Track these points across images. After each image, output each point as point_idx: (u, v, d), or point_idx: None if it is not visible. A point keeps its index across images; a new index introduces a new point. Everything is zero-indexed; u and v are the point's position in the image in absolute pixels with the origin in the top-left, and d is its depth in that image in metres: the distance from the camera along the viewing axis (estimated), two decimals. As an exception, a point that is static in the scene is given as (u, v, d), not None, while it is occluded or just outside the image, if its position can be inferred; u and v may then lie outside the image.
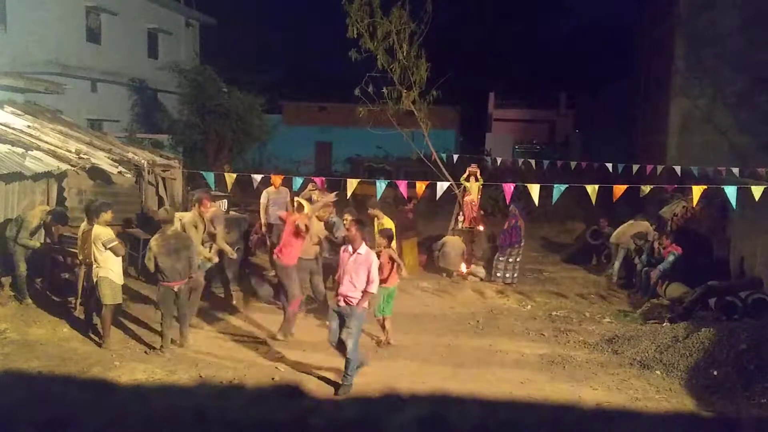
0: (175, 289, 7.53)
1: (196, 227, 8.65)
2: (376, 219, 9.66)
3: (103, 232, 7.58)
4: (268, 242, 11.14)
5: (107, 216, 7.72)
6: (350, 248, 6.98)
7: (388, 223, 9.38)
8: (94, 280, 7.62)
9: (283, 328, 8.32)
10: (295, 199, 9.20)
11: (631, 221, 12.72)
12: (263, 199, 11.32)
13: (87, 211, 8.23)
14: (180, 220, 8.59)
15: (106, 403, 6.26)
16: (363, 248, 6.94)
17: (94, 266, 7.59)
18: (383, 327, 8.32)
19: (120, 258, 7.73)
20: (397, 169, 20.55)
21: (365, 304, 6.88)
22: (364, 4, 12.40)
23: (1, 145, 9.50)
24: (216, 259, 9.05)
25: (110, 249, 7.54)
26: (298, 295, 8.48)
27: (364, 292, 6.82)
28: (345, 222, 8.97)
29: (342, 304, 6.88)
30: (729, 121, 17.34)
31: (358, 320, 6.85)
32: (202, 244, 8.76)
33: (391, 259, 8.17)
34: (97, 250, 7.54)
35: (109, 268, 7.58)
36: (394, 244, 8.44)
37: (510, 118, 33.98)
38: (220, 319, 8.99)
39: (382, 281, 8.13)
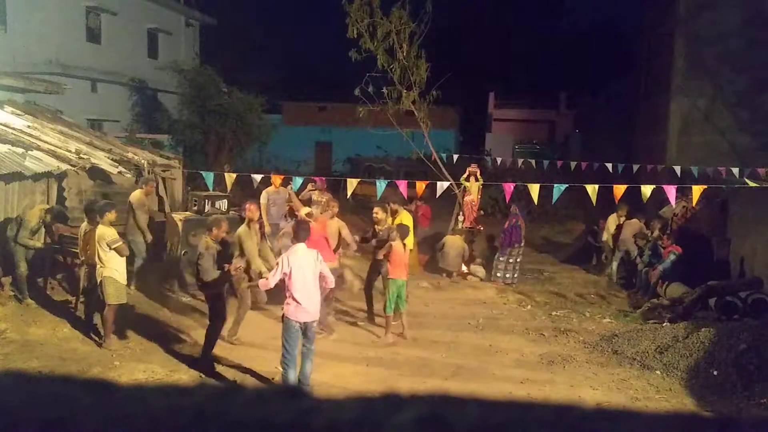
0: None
1: (251, 237, 8.28)
2: (396, 213, 9.92)
3: (107, 232, 7.60)
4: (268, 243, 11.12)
5: (111, 216, 7.74)
6: None
7: (406, 220, 9.55)
8: (98, 280, 7.63)
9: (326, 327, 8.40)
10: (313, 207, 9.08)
11: (612, 215, 12.61)
12: (263, 200, 11.30)
13: (88, 211, 8.25)
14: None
15: (106, 403, 6.23)
16: None
17: (98, 266, 7.60)
18: (388, 324, 8.38)
19: (124, 258, 7.75)
20: (397, 169, 20.54)
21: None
22: (364, 4, 12.40)
23: (1, 145, 9.49)
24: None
25: (114, 249, 7.56)
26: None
27: None
28: (375, 216, 9.04)
29: None
30: (729, 121, 17.31)
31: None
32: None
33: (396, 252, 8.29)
34: (101, 250, 7.55)
35: (114, 267, 7.59)
36: (411, 240, 8.53)
37: (510, 118, 33.93)
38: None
39: (392, 273, 8.25)
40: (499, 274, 11.91)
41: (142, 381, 6.75)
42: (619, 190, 9.59)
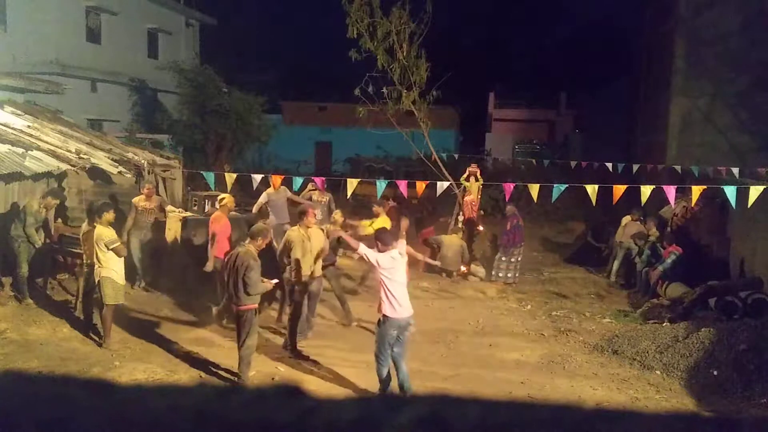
0: (235, 312, 6.83)
1: (303, 244, 7.83)
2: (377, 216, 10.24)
3: (105, 232, 7.58)
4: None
5: (109, 216, 7.72)
6: None
7: (384, 223, 9.80)
8: (96, 280, 7.62)
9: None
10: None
11: (628, 217, 12.64)
12: (262, 200, 11.30)
13: (89, 212, 8.23)
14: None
15: (106, 403, 6.26)
16: None
17: (96, 266, 7.59)
18: None
19: (122, 258, 7.73)
20: (397, 169, 20.52)
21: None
22: (364, 4, 12.40)
23: (1, 145, 9.49)
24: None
25: (112, 250, 7.54)
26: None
27: None
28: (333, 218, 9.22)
29: None
30: (729, 121, 17.31)
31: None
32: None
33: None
34: (99, 251, 7.53)
35: (112, 268, 7.58)
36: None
37: (510, 118, 33.94)
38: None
39: None
40: (500, 274, 11.91)
41: (142, 381, 6.75)
42: (619, 190, 9.56)
